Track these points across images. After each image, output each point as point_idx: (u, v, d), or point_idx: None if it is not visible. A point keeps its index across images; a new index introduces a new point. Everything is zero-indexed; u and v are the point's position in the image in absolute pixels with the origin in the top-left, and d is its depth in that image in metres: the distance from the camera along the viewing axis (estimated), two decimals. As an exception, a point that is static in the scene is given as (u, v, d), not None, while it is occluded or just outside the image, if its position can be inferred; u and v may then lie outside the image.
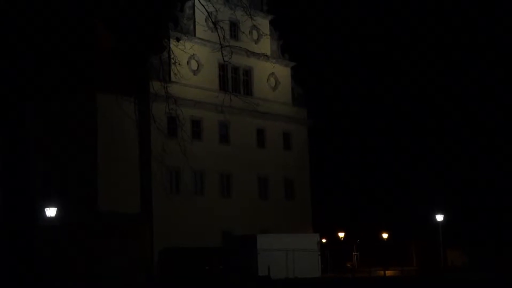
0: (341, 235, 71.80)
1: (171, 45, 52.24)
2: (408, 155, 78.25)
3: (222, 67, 57.84)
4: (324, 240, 64.15)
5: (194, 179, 55.39)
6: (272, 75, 62.23)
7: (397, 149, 78.59)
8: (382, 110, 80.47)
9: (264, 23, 61.00)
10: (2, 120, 24.10)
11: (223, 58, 30.40)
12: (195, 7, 55.03)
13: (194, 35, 56.19)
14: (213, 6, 48.53)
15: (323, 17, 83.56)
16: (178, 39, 52.89)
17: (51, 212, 44.34)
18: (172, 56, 50.22)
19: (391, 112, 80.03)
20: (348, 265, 69.31)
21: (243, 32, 57.12)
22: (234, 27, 58.01)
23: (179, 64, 45.53)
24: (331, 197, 76.11)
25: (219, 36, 27.81)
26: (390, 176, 77.91)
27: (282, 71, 63.29)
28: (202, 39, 56.09)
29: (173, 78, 50.40)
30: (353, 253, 71.70)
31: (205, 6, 40.69)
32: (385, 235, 73.42)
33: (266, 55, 57.59)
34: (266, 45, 61.34)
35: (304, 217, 62.77)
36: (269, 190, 60.99)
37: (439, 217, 57.40)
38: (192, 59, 55.79)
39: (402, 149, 78.41)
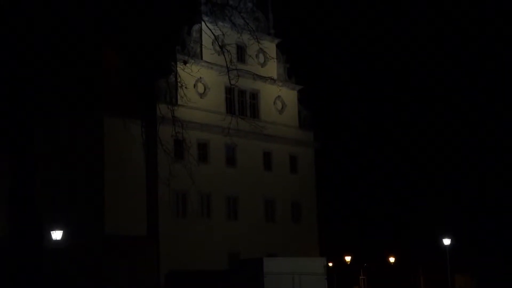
0: (348, 258, 71.48)
1: (178, 68, 52.47)
2: (416, 178, 78.06)
3: (229, 90, 57.99)
4: (330, 264, 63.83)
5: (201, 201, 55.36)
6: (278, 98, 62.36)
7: (405, 172, 78.40)
8: (389, 133, 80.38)
9: (271, 46, 61.22)
10: (9, 143, 24.19)
11: (230, 82, 30.50)
12: (202, 31, 55.28)
13: (201, 58, 56.42)
14: (220, 30, 48.51)
15: (330, 41, 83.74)
16: (185, 62, 53.07)
17: (57, 235, 44.30)
18: (179, 79, 50.38)
19: (398, 135, 79.95)
20: (355, 288, 69.00)
21: (250, 56, 57.32)
22: (241, 50, 58.28)
23: (185, 87, 45.74)
24: (337, 220, 75.85)
25: (226, 60, 27.97)
26: (397, 199, 77.65)
27: (289, 94, 63.41)
28: (209, 62, 56.31)
29: (179, 101, 50.58)
30: (360, 277, 71.33)
31: (212, 30, 40.80)
32: (392, 259, 73.04)
33: (273, 79, 57.67)
34: (272, 69, 61.52)
35: (310, 240, 62.58)
36: (276, 213, 60.88)
37: (447, 241, 57.11)
38: (199, 82, 55.98)
39: (410, 172, 78.23)
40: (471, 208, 73.56)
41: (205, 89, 56.79)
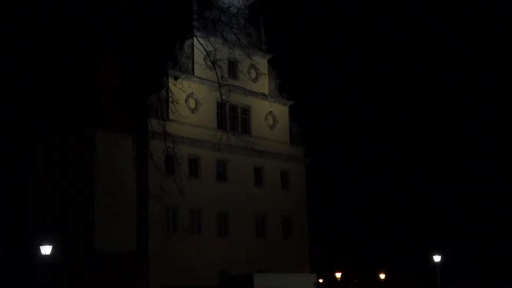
0: (338, 275, 71.38)
1: (170, 84, 52.53)
2: (407, 194, 78.21)
3: (220, 106, 57.98)
4: (321, 280, 63.75)
5: (191, 217, 55.22)
6: (270, 114, 62.40)
7: (396, 188, 78.55)
8: (381, 150, 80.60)
9: (262, 62, 61.37)
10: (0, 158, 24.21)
11: (221, 97, 30.67)
12: (194, 46, 55.37)
13: (193, 74, 56.46)
14: (212, 45, 48.86)
15: (321, 56, 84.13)
16: (176, 78, 53.14)
17: (46, 250, 44.04)
18: (170, 94, 50.48)
19: (390, 152, 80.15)
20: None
21: (242, 71, 57.48)
22: (233, 66, 58.38)
23: (177, 102, 45.98)
24: (328, 236, 75.83)
25: (217, 75, 28.10)
26: (388, 216, 77.74)
27: (280, 110, 63.47)
28: (200, 78, 56.36)
29: (171, 116, 50.68)
30: (351, 293, 71.25)
31: (204, 45, 40.99)
32: (382, 275, 72.98)
33: (264, 94, 57.87)
34: (264, 84, 61.65)
35: (301, 256, 62.45)
36: (267, 229, 60.75)
37: (437, 258, 57.12)
38: (190, 97, 56.00)
39: (401, 189, 78.39)
40: (462, 225, 73.70)
41: (196, 105, 56.80)
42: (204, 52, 42.85)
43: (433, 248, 58.21)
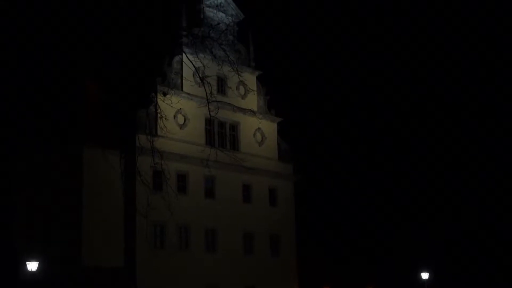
0: (327, 292, 71.15)
1: (158, 99, 52.51)
2: (395, 212, 78.23)
3: (209, 122, 57.99)
4: (309, 297, 63.53)
5: (179, 233, 55.04)
6: (258, 130, 62.44)
7: (384, 205, 78.58)
8: (369, 166, 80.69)
9: (251, 78, 61.52)
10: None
11: (210, 113, 30.60)
12: (183, 62, 55.42)
13: (182, 90, 56.47)
14: (201, 62, 48.66)
15: (310, 72, 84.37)
16: (164, 94, 53.13)
17: (32, 266, 43.75)
18: (159, 110, 50.47)
19: (378, 170, 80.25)
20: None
21: (230, 88, 57.59)
22: (222, 82, 58.47)
23: (165, 118, 45.89)
24: (316, 253, 75.66)
25: (206, 91, 28.05)
26: (377, 233, 77.71)
27: (269, 127, 63.54)
28: (189, 94, 56.38)
29: (159, 132, 50.58)
30: (339, 310, 70.95)
31: (193, 62, 40.93)
32: (371, 292, 72.82)
33: (253, 111, 57.91)
34: (253, 101, 61.73)
35: (289, 273, 62.32)
36: (255, 246, 60.61)
37: (425, 275, 57.12)
38: (178, 113, 55.95)
39: (389, 205, 78.42)
40: (450, 243, 73.75)
41: (185, 120, 56.77)
42: (193, 68, 42.86)
43: (421, 265, 58.21)
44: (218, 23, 51.05)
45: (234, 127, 60.83)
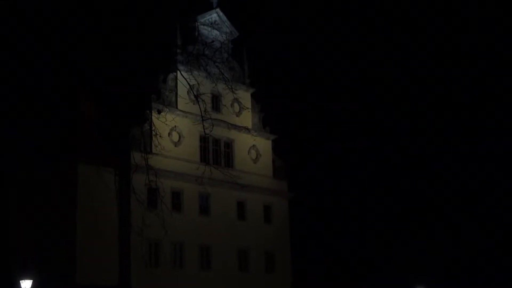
0: (322, 309, 70.97)
1: (153, 117, 52.56)
2: (390, 227, 78.21)
3: (204, 139, 58.01)
4: (304, 315, 63.39)
5: (174, 251, 54.90)
6: (253, 147, 62.50)
7: (379, 220, 78.56)
8: (363, 181, 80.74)
9: (245, 96, 61.64)
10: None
11: (204, 131, 30.72)
12: (178, 80, 55.50)
13: (176, 107, 56.53)
14: (195, 79, 48.93)
15: (304, 89, 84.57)
16: (159, 111, 53.20)
17: (26, 284, 43.56)
18: (153, 127, 50.48)
19: (373, 184, 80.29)
20: None
21: (225, 105, 57.70)
22: (216, 99, 58.60)
23: (160, 135, 45.93)
24: (311, 270, 75.53)
25: (200, 109, 28.17)
26: (372, 248, 77.65)
27: (263, 144, 63.59)
28: (183, 111, 56.44)
29: (154, 150, 50.61)
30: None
31: (187, 79, 41.10)
32: (366, 309, 72.67)
33: (247, 128, 58.01)
34: (247, 118, 61.81)
35: (284, 290, 62.21)
36: (249, 263, 60.49)
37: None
38: (173, 131, 56.00)
39: (384, 221, 78.40)
40: (446, 257, 73.74)
41: (179, 138, 56.79)
42: (188, 86, 43.00)
43: (417, 282, 58.16)
44: (213, 41, 51.26)
45: (229, 144, 60.88)
